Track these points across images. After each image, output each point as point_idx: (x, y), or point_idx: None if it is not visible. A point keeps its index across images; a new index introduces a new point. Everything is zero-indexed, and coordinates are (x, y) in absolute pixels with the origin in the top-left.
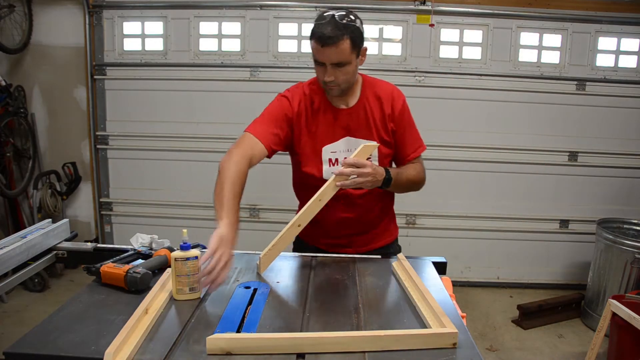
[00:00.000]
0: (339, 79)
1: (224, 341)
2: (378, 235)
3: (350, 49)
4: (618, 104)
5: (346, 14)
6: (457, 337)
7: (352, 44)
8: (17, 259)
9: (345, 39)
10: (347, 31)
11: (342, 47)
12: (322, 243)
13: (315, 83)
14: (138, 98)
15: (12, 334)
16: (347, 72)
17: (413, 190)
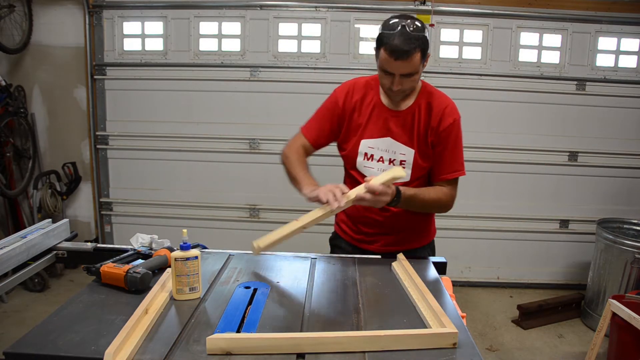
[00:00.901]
0: (405, 87)
1: (224, 341)
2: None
3: (420, 60)
4: (618, 104)
5: (413, 22)
6: (457, 337)
7: (422, 54)
8: (17, 259)
9: (417, 51)
10: (418, 43)
11: (414, 60)
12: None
13: (376, 80)
14: (138, 98)
15: (12, 334)
16: (414, 80)
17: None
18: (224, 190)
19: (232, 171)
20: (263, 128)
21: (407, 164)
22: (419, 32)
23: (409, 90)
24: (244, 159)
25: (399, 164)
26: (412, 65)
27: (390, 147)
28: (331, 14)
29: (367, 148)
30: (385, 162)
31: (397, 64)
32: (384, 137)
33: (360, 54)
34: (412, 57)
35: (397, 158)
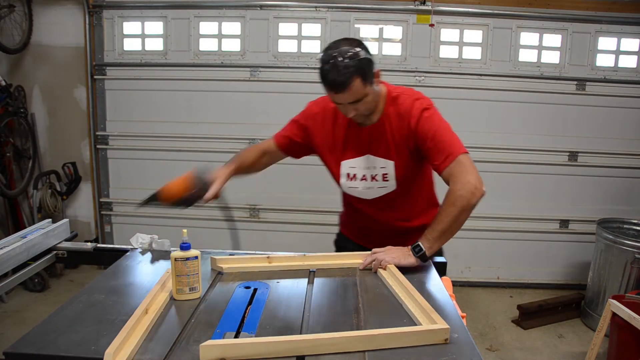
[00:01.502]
0: (360, 111)
1: (218, 348)
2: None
3: (362, 84)
4: (618, 104)
5: (348, 49)
6: (448, 332)
7: (363, 79)
8: (17, 259)
9: (354, 78)
10: (354, 70)
11: (354, 87)
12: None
13: None
14: (138, 98)
15: (12, 334)
16: (366, 102)
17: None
18: (224, 190)
19: None
20: (263, 128)
21: (389, 176)
22: (353, 59)
23: (369, 111)
24: None
25: (381, 177)
26: (355, 92)
27: (370, 164)
28: (331, 14)
29: (348, 169)
30: (367, 179)
31: (339, 96)
32: (362, 155)
33: None
34: (350, 86)
35: (379, 172)
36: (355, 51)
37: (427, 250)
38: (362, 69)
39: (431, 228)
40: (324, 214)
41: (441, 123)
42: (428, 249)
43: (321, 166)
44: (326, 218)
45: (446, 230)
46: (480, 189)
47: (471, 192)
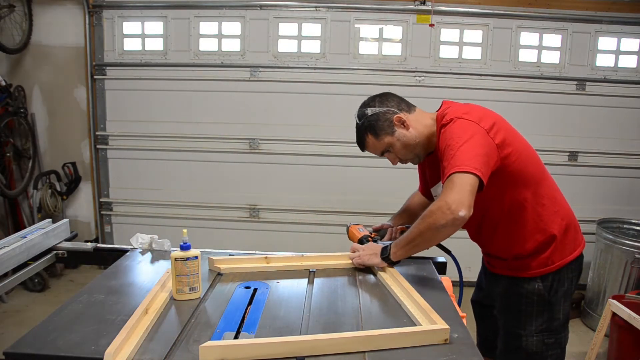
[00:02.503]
0: (399, 157)
1: (218, 349)
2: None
3: (376, 140)
4: (618, 104)
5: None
6: (448, 332)
7: (374, 134)
8: (17, 259)
9: (367, 137)
10: (364, 129)
11: (370, 144)
12: None
13: None
14: (138, 98)
15: (12, 334)
16: (398, 151)
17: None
18: (224, 190)
19: (232, 171)
20: (263, 128)
21: None
22: (361, 119)
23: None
24: (244, 159)
25: None
26: (374, 147)
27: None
28: (331, 14)
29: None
30: None
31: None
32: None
33: (360, 54)
34: (366, 144)
35: None
36: (363, 111)
37: (392, 255)
38: (370, 127)
39: (403, 235)
40: (324, 214)
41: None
42: (393, 254)
43: (321, 166)
44: (326, 218)
45: (411, 241)
46: (452, 211)
47: (443, 210)
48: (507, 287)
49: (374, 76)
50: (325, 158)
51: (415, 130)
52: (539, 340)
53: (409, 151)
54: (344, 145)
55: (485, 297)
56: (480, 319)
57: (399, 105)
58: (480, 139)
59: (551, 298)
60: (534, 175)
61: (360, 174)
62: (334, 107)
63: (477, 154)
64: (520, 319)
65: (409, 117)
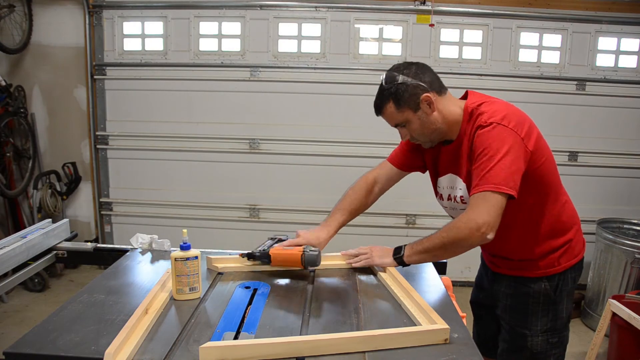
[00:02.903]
0: (413, 136)
1: (218, 350)
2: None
3: (396, 110)
4: (618, 104)
5: (391, 73)
6: (448, 332)
7: (396, 104)
8: (17, 259)
9: (388, 103)
10: (388, 94)
11: (388, 112)
12: None
13: None
14: (138, 98)
15: (12, 334)
16: (414, 130)
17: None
18: (224, 190)
19: (232, 171)
20: (263, 128)
21: (465, 199)
22: (390, 82)
23: (425, 138)
24: (244, 159)
25: (459, 199)
26: (391, 117)
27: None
28: (331, 14)
29: (438, 187)
30: (451, 200)
31: (381, 118)
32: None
33: (360, 54)
34: (384, 110)
35: (457, 194)
36: (393, 75)
37: (406, 258)
38: (395, 94)
39: (421, 240)
40: (324, 214)
41: (498, 144)
42: (407, 257)
43: (321, 166)
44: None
45: (430, 251)
46: (482, 233)
47: (472, 230)
48: (512, 287)
49: (374, 76)
50: (325, 158)
51: (439, 114)
52: (544, 340)
53: (425, 134)
54: (344, 145)
55: (487, 297)
56: (478, 319)
57: (432, 83)
58: (517, 150)
59: (556, 297)
60: (555, 182)
61: (360, 174)
62: (334, 107)
63: (514, 170)
64: (526, 319)
65: (437, 99)
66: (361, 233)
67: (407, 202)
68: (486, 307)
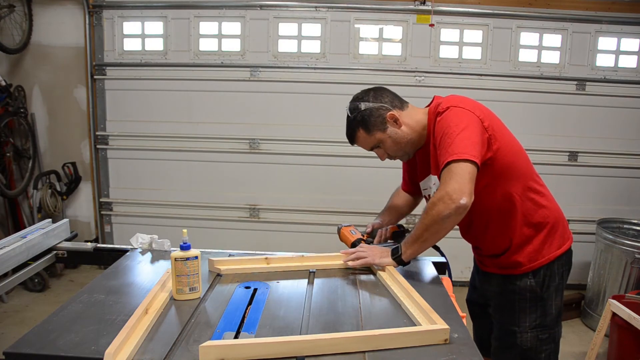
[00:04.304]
0: (390, 153)
1: (217, 349)
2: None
3: (367, 134)
4: (618, 104)
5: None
6: (448, 332)
7: (366, 129)
8: (17, 259)
9: (358, 131)
10: (356, 123)
11: (360, 139)
12: None
13: None
14: (138, 98)
15: (12, 334)
16: (388, 147)
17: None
18: (224, 190)
19: (232, 171)
20: (263, 128)
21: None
22: (354, 112)
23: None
24: (244, 159)
25: None
26: (365, 142)
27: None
28: (331, 14)
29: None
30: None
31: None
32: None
33: (360, 54)
34: (356, 138)
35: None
36: (356, 105)
37: (403, 255)
38: (362, 121)
39: (409, 233)
40: (324, 214)
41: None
42: (404, 253)
43: (321, 166)
44: (326, 218)
45: (418, 238)
46: (454, 200)
47: (444, 202)
48: (500, 285)
49: (374, 76)
50: (325, 158)
51: (407, 127)
52: (534, 336)
53: (399, 148)
54: (344, 145)
55: (480, 296)
56: (474, 318)
57: (392, 101)
58: (476, 127)
59: (543, 293)
60: (523, 169)
61: (360, 174)
62: (334, 107)
63: (474, 142)
64: (514, 316)
65: (401, 113)
66: None
67: None
68: (480, 306)
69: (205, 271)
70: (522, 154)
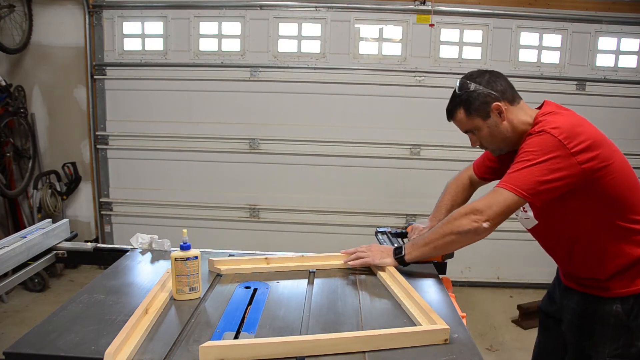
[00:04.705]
0: (482, 143)
1: (217, 349)
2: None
3: (466, 116)
4: (618, 104)
5: (464, 81)
6: (448, 332)
7: (467, 111)
8: (17, 259)
9: (459, 110)
10: (459, 101)
11: (458, 118)
12: None
13: None
14: (138, 98)
15: (12, 334)
16: (483, 137)
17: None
18: (224, 190)
19: (232, 171)
20: (263, 128)
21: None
22: (462, 90)
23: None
24: (244, 159)
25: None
26: (460, 123)
27: None
28: (331, 14)
29: None
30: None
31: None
32: None
33: (360, 54)
34: (455, 116)
35: None
36: (466, 82)
37: (406, 255)
38: (466, 102)
39: (421, 235)
40: (324, 214)
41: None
42: (407, 254)
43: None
44: (326, 218)
45: (429, 243)
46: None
47: (469, 218)
48: (581, 305)
49: (374, 76)
50: (325, 158)
51: (509, 124)
52: None
53: (494, 142)
54: (344, 145)
55: (556, 311)
56: (544, 329)
57: (504, 92)
58: (558, 163)
59: (630, 322)
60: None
61: (360, 174)
62: (334, 107)
63: (542, 182)
64: (593, 340)
65: (509, 108)
66: (361, 233)
67: (407, 202)
68: (555, 320)
69: (205, 271)
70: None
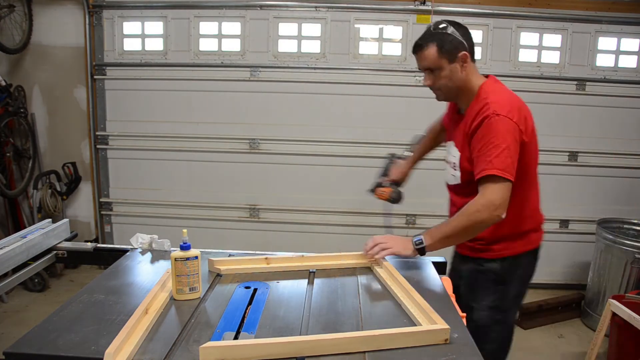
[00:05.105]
0: (435, 84)
1: (218, 350)
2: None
3: (437, 54)
4: (618, 104)
5: (441, 22)
6: (448, 332)
7: (440, 49)
8: (17, 259)
9: (431, 45)
10: (434, 38)
11: (427, 52)
12: None
13: None
14: (138, 98)
15: (12, 334)
16: (441, 77)
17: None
18: (224, 190)
19: (232, 171)
20: (263, 128)
21: (456, 166)
22: (437, 29)
23: (445, 90)
24: (244, 159)
25: (452, 166)
26: (427, 58)
27: (452, 150)
28: (331, 14)
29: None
30: (449, 164)
31: (416, 57)
32: (449, 141)
33: (360, 54)
34: (424, 50)
35: (452, 160)
36: (443, 26)
37: (428, 248)
38: (441, 41)
39: (439, 227)
40: (324, 214)
41: (500, 134)
42: (428, 246)
43: (321, 166)
44: (326, 218)
45: (450, 236)
46: (498, 214)
47: (490, 211)
48: (470, 266)
49: (374, 76)
50: (325, 158)
51: (465, 76)
52: (488, 315)
53: (447, 87)
54: (344, 145)
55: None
56: None
57: (471, 48)
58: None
59: (506, 277)
60: (532, 174)
61: (360, 174)
62: (334, 107)
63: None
64: (475, 293)
65: (469, 63)
66: (361, 233)
67: (407, 202)
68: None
69: (205, 271)
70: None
